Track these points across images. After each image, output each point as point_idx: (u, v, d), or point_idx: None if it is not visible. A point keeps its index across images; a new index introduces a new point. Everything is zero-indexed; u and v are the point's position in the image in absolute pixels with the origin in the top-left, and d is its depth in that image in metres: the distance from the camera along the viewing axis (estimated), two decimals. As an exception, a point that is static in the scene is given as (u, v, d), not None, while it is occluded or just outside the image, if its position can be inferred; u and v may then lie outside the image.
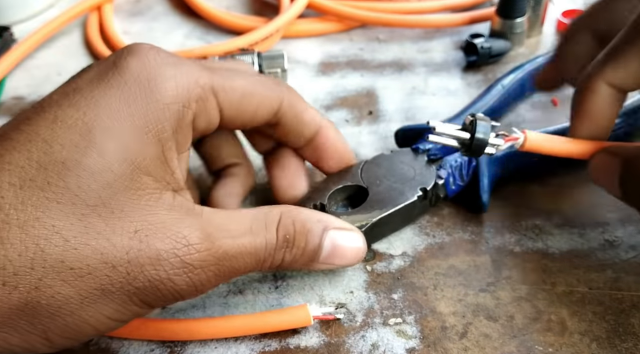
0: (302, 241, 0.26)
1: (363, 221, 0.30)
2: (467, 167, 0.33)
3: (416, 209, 0.32)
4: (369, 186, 0.32)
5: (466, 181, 0.33)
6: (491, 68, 0.47)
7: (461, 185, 0.33)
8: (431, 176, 0.32)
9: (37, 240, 0.20)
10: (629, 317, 0.28)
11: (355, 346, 0.28)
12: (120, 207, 0.21)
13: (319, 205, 0.32)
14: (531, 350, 0.27)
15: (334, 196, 0.32)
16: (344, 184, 0.33)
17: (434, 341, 0.28)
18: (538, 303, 0.29)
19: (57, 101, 0.23)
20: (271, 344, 0.28)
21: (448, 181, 0.33)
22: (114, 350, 0.28)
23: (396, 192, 0.32)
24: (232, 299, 0.30)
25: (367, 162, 0.34)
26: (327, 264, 0.27)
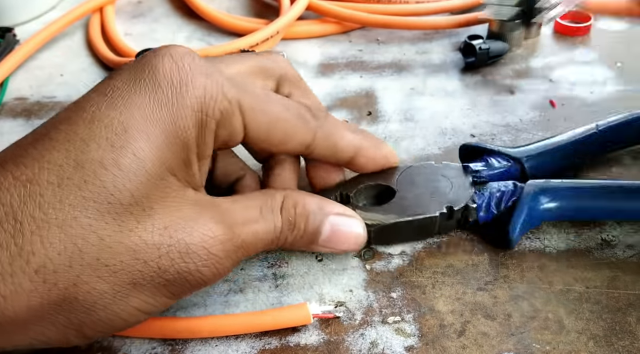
0: (302, 223, 0.27)
1: (375, 221, 0.30)
2: (508, 198, 0.32)
3: (437, 226, 0.31)
4: (400, 189, 0.32)
5: (501, 211, 0.32)
6: (489, 70, 0.47)
7: (495, 214, 0.32)
8: (465, 197, 0.31)
9: (75, 239, 0.20)
10: (626, 315, 0.29)
11: (354, 344, 0.28)
12: (150, 205, 0.22)
13: (344, 195, 0.32)
14: (528, 348, 0.27)
15: (362, 191, 0.33)
16: (375, 182, 0.33)
17: (433, 339, 0.28)
18: (535, 302, 0.30)
19: (95, 99, 0.23)
20: (271, 342, 0.28)
21: (481, 207, 0.32)
22: (116, 348, 0.28)
23: (421, 203, 0.31)
24: (232, 298, 0.31)
25: (410, 168, 0.33)
26: (326, 248, 0.28)
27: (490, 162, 0.34)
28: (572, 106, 0.43)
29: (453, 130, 0.42)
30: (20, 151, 0.22)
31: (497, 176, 0.34)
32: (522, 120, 0.42)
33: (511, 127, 0.42)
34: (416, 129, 0.42)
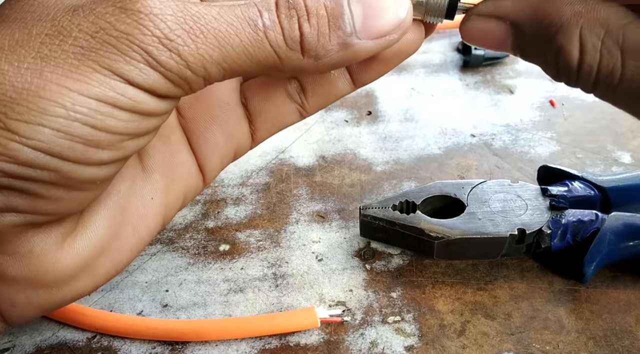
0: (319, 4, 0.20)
1: (440, 233, 0.29)
2: (586, 228, 0.30)
3: (505, 248, 0.30)
4: (470, 204, 0.31)
5: (578, 242, 0.30)
6: (489, 70, 0.47)
7: (571, 244, 0.30)
8: (540, 221, 0.30)
9: None
10: (626, 315, 0.29)
11: (355, 344, 0.28)
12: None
13: (410, 203, 0.31)
14: (528, 348, 0.27)
15: (432, 200, 0.32)
16: (446, 194, 0.32)
17: (433, 339, 0.28)
18: (535, 302, 0.30)
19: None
20: (271, 341, 0.28)
21: (556, 234, 0.30)
22: (116, 348, 0.28)
23: (491, 222, 0.30)
24: (232, 297, 0.31)
25: (485, 183, 0.32)
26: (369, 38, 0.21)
27: (571, 188, 0.32)
28: (572, 106, 0.43)
29: (453, 130, 0.42)
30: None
31: (578, 202, 0.31)
32: (522, 120, 0.42)
33: (511, 127, 0.42)
34: (416, 129, 0.42)
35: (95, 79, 0.18)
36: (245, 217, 0.36)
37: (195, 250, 0.34)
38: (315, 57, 0.20)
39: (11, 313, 0.22)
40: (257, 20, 0.19)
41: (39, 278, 0.21)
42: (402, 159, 0.40)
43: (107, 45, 0.18)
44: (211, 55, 0.19)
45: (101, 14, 0.18)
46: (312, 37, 0.20)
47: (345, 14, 0.20)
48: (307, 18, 0.20)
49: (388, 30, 0.21)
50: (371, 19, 0.20)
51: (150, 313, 0.30)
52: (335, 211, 0.36)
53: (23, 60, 0.18)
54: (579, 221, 0.30)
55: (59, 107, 0.18)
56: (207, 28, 0.19)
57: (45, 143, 0.18)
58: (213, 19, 0.19)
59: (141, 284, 0.32)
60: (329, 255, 0.33)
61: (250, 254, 0.33)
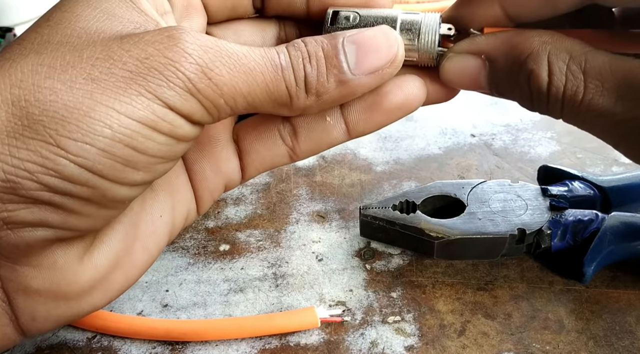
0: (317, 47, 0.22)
1: (440, 233, 0.29)
2: (586, 228, 0.29)
3: (505, 248, 0.30)
4: (470, 204, 0.31)
5: (578, 242, 0.29)
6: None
7: (571, 244, 0.30)
8: (540, 221, 0.30)
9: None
10: (626, 315, 0.29)
11: (355, 344, 0.28)
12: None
13: (410, 203, 0.31)
14: (529, 348, 0.27)
15: (432, 200, 0.32)
16: (446, 194, 0.32)
17: (433, 339, 0.28)
18: (535, 302, 0.30)
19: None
20: (271, 341, 0.28)
21: (556, 234, 0.30)
22: (116, 348, 0.28)
23: (491, 222, 0.30)
24: (232, 297, 0.31)
25: (485, 183, 0.32)
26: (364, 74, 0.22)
27: (572, 188, 0.32)
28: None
29: (453, 130, 0.42)
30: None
31: (578, 203, 0.31)
32: (522, 120, 0.42)
33: (511, 127, 0.42)
34: (416, 129, 0.42)
35: (140, 103, 0.19)
36: (246, 217, 0.36)
37: (195, 250, 0.34)
38: (317, 95, 0.22)
39: (31, 325, 0.22)
40: (276, 60, 0.21)
41: (60, 290, 0.22)
42: (402, 159, 0.40)
43: (154, 71, 0.19)
44: (241, 88, 0.21)
45: (150, 42, 0.20)
46: (313, 76, 0.22)
47: (340, 53, 0.22)
48: (309, 60, 0.22)
49: (381, 65, 0.22)
50: (364, 56, 0.22)
51: (150, 313, 0.30)
52: (335, 211, 0.36)
53: (75, 81, 0.19)
54: (579, 221, 0.30)
55: (106, 128, 0.19)
56: (240, 63, 0.20)
57: (90, 161, 0.19)
58: (243, 56, 0.21)
59: (141, 284, 0.32)
60: (329, 255, 0.33)
61: (250, 254, 0.33)
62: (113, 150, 0.19)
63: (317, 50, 0.22)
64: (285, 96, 0.22)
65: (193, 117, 0.21)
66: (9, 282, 0.21)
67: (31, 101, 0.19)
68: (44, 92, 0.19)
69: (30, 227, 0.20)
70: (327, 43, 0.22)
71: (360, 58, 0.22)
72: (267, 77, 0.21)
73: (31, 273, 0.21)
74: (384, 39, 0.23)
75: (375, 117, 0.25)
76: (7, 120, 0.18)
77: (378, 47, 0.22)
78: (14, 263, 0.21)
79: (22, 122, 0.19)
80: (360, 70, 0.22)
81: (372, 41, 0.22)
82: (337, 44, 0.22)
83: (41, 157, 0.18)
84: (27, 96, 0.19)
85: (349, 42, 0.22)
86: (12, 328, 0.22)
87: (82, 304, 0.23)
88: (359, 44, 0.22)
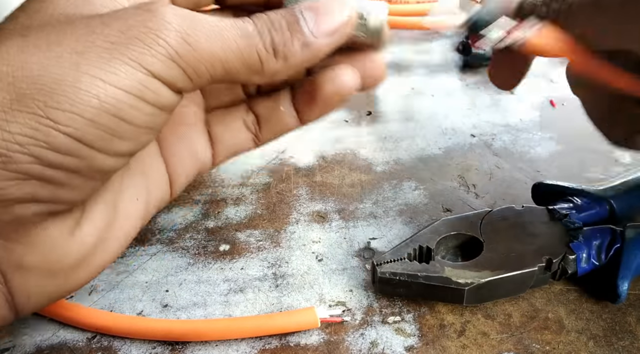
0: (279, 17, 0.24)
1: (469, 279, 0.27)
2: (610, 245, 0.29)
3: (533, 280, 0.28)
4: (487, 240, 0.29)
5: (604, 262, 0.29)
6: (490, 69, 0.47)
7: (597, 265, 0.29)
8: (562, 247, 0.29)
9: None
10: (626, 315, 0.29)
11: (355, 344, 0.28)
12: None
13: (424, 248, 0.30)
14: (528, 348, 0.27)
15: (444, 241, 0.30)
16: (458, 231, 0.30)
17: (433, 339, 0.28)
18: (535, 302, 0.30)
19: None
20: (271, 341, 0.28)
21: (581, 257, 0.29)
22: (116, 348, 0.28)
23: (515, 256, 0.28)
24: (232, 297, 0.31)
25: (492, 213, 0.31)
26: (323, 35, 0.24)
27: (576, 204, 0.31)
28: (572, 106, 0.43)
29: (453, 130, 0.42)
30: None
31: (587, 218, 0.30)
32: (522, 120, 0.42)
33: (511, 127, 0.42)
34: (416, 129, 0.42)
35: (124, 71, 0.20)
36: (245, 217, 0.36)
37: (195, 250, 0.34)
38: (284, 59, 0.24)
39: (25, 304, 0.23)
40: (246, 29, 0.23)
41: (53, 266, 0.22)
42: (402, 159, 0.40)
43: (136, 40, 0.20)
44: (219, 54, 0.22)
45: (130, 14, 0.21)
46: (280, 41, 0.23)
47: (300, 20, 0.24)
48: (274, 27, 0.23)
49: (338, 26, 0.24)
50: (322, 19, 0.24)
51: (150, 313, 0.30)
52: (336, 211, 0.36)
53: (60, 56, 0.20)
54: (598, 240, 0.29)
55: (93, 97, 0.19)
56: (215, 31, 0.22)
57: (79, 131, 0.19)
58: (216, 25, 0.22)
59: (141, 284, 0.32)
60: (329, 255, 0.33)
61: (250, 254, 0.33)
62: (101, 119, 0.20)
63: (280, 20, 0.24)
64: (257, 62, 0.23)
65: (176, 85, 0.21)
66: (3, 261, 0.21)
67: (19, 76, 0.19)
68: (32, 67, 0.19)
69: (20, 203, 0.20)
70: (286, 12, 0.24)
71: (318, 22, 0.24)
72: (240, 44, 0.22)
73: (24, 250, 0.21)
74: (336, 3, 0.25)
75: (317, 106, 0.28)
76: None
77: (332, 10, 0.24)
78: (6, 241, 0.21)
79: (11, 97, 0.19)
80: (320, 32, 0.24)
81: (326, 6, 0.24)
82: (296, 13, 0.24)
83: (31, 129, 0.19)
84: (15, 73, 0.19)
85: (306, 10, 0.24)
86: (7, 308, 0.22)
87: (69, 281, 0.24)
88: (314, 10, 0.24)
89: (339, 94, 0.27)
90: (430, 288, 0.28)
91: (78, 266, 0.23)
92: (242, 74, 0.23)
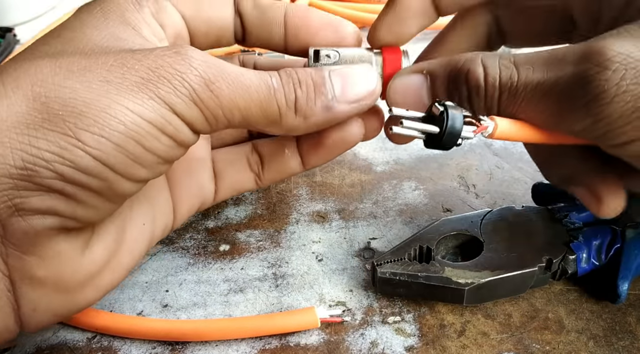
0: (307, 75, 0.25)
1: (469, 279, 0.27)
2: (610, 245, 0.29)
3: (533, 280, 0.28)
4: (486, 240, 0.29)
5: (604, 261, 0.29)
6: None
7: (597, 265, 0.29)
8: (562, 247, 0.29)
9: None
10: (626, 315, 0.29)
11: (355, 344, 0.28)
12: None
13: (425, 248, 0.30)
14: (528, 348, 0.27)
15: (444, 241, 0.30)
16: (458, 231, 0.30)
17: (433, 339, 0.28)
18: (535, 302, 0.30)
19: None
20: (271, 341, 0.28)
21: (581, 257, 0.29)
22: (116, 348, 0.28)
23: (515, 256, 0.28)
24: (233, 297, 0.31)
25: (492, 213, 0.31)
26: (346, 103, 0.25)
27: (577, 204, 0.31)
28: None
29: (453, 130, 0.42)
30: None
31: (587, 218, 0.30)
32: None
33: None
34: (416, 129, 0.42)
35: (151, 106, 0.21)
36: (246, 217, 0.36)
37: (195, 250, 0.34)
38: (304, 117, 0.25)
39: (30, 317, 0.23)
40: (269, 81, 0.24)
41: (62, 281, 0.23)
42: (402, 159, 0.40)
43: (163, 79, 0.21)
44: (238, 102, 0.23)
45: (160, 55, 0.22)
46: (303, 99, 0.25)
47: (327, 83, 0.25)
48: (300, 85, 0.25)
49: (361, 97, 0.26)
50: (348, 88, 0.25)
51: (150, 313, 0.30)
52: (336, 211, 0.36)
53: (91, 82, 0.21)
54: (598, 240, 0.29)
55: (121, 124, 0.21)
56: (237, 80, 0.23)
57: (104, 154, 0.21)
58: (240, 75, 0.23)
59: (141, 284, 0.32)
60: (329, 255, 0.33)
61: (250, 254, 0.33)
62: (126, 145, 0.21)
63: (307, 78, 0.25)
64: (276, 114, 0.24)
65: (194, 125, 0.23)
66: (15, 271, 0.22)
67: (51, 97, 0.20)
68: (64, 90, 0.20)
69: (40, 215, 0.21)
70: (314, 73, 0.25)
71: (344, 89, 0.25)
72: (260, 95, 0.24)
73: (37, 262, 0.22)
74: (365, 75, 0.26)
75: (321, 152, 0.29)
76: (28, 113, 0.20)
77: (359, 82, 0.26)
78: (21, 252, 0.22)
79: (42, 116, 0.20)
80: (344, 99, 0.25)
81: (355, 76, 0.26)
82: (324, 75, 0.25)
83: (59, 148, 0.20)
84: (48, 93, 0.20)
85: (335, 75, 0.25)
86: (13, 320, 0.23)
87: (78, 299, 0.24)
88: (343, 77, 0.26)
89: (345, 143, 0.28)
90: (431, 288, 0.28)
91: (86, 285, 0.24)
92: (260, 124, 0.25)
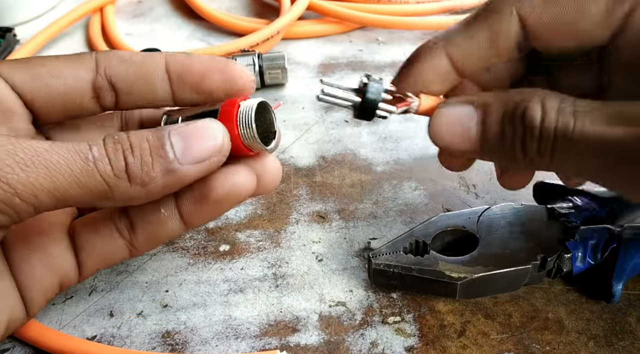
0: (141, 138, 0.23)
1: (462, 274, 0.27)
2: (606, 245, 0.29)
3: (528, 277, 0.28)
4: (483, 236, 0.29)
5: (599, 261, 0.29)
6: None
7: (592, 264, 0.29)
8: (557, 245, 0.29)
9: None
10: (626, 315, 0.29)
11: (355, 344, 0.28)
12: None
13: (420, 243, 0.30)
14: (529, 348, 0.27)
15: (440, 236, 0.30)
16: (454, 227, 0.30)
17: (433, 340, 0.28)
18: (535, 302, 0.30)
19: None
20: (271, 342, 0.28)
21: (576, 256, 0.29)
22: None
23: (510, 253, 0.28)
24: (232, 298, 0.31)
25: (490, 210, 0.31)
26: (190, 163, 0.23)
27: (576, 204, 0.31)
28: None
29: (453, 130, 0.42)
30: None
31: (585, 218, 0.30)
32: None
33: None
34: (416, 129, 0.42)
35: None
36: (245, 217, 0.36)
37: (195, 250, 0.34)
38: (142, 184, 0.22)
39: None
40: (87, 153, 0.21)
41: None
42: (402, 159, 0.40)
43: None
44: (42, 183, 0.20)
45: None
46: (136, 166, 0.22)
47: (166, 144, 0.23)
48: (131, 151, 0.22)
49: (207, 156, 0.23)
50: (190, 146, 0.23)
51: (150, 313, 0.30)
52: (336, 211, 0.36)
53: None
54: (595, 240, 0.29)
55: None
56: (38, 159, 0.20)
57: None
58: (44, 151, 0.21)
59: (141, 284, 0.32)
60: (329, 255, 0.33)
61: (250, 254, 0.33)
62: None
63: (141, 142, 0.22)
64: (103, 187, 0.22)
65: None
66: None
67: None
68: None
69: None
70: (152, 134, 0.23)
71: (186, 148, 0.23)
72: (75, 170, 0.21)
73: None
74: (208, 130, 0.23)
75: (206, 208, 0.26)
76: None
77: (202, 138, 0.23)
78: None
79: None
80: (187, 160, 0.23)
81: (196, 132, 0.23)
82: (163, 135, 0.23)
83: None
84: None
85: (175, 134, 0.23)
86: None
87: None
88: (184, 135, 0.23)
89: (232, 197, 0.25)
90: (424, 281, 0.28)
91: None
92: (86, 201, 0.22)
